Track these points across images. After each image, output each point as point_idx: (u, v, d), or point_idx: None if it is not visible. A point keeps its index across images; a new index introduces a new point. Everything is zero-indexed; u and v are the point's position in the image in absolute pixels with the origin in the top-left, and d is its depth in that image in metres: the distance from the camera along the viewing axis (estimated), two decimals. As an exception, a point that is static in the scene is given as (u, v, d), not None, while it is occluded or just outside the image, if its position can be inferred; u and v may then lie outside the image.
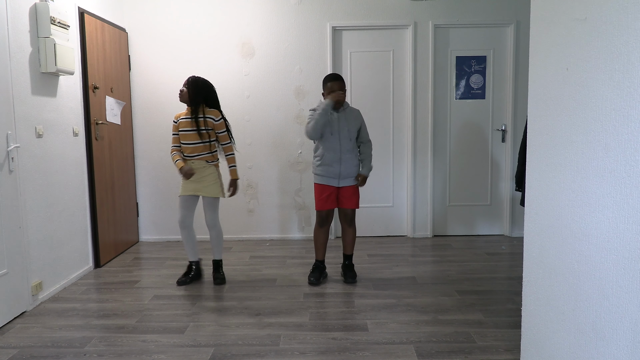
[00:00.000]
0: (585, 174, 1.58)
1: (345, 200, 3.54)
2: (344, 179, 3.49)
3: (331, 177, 3.49)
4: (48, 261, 3.36)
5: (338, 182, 3.49)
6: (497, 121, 4.80)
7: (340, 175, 3.47)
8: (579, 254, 1.62)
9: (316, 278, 3.55)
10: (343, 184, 3.50)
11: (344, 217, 3.58)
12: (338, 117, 3.44)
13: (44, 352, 2.57)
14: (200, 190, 3.51)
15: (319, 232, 3.61)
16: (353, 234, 3.62)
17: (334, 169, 3.46)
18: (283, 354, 2.51)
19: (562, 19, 1.71)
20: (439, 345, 2.58)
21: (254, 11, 4.63)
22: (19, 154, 3.05)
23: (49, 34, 3.27)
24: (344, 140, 3.44)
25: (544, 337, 1.88)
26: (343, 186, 3.51)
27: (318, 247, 3.63)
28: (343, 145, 3.44)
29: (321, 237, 3.61)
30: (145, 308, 3.15)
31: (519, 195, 4.59)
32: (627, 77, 1.37)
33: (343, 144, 3.44)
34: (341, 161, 3.45)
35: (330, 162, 3.46)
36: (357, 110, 3.56)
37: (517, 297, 3.17)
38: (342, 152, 3.44)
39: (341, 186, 3.51)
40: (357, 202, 3.57)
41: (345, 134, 3.43)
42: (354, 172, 3.51)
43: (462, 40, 4.70)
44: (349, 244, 3.63)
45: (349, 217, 3.58)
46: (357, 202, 3.58)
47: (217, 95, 3.58)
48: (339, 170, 3.46)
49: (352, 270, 3.63)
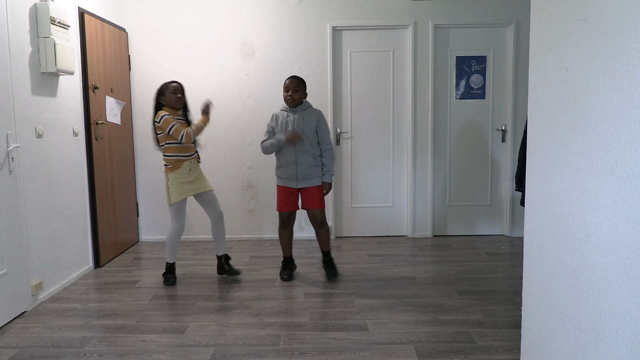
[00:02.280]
0: (585, 174, 1.58)
1: (308, 201, 3.53)
2: (302, 180, 3.48)
3: (289, 179, 3.50)
4: (48, 261, 3.36)
5: (297, 183, 3.49)
6: (497, 121, 4.80)
7: (298, 176, 3.47)
8: (579, 254, 1.62)
9: (288, 275, 3.64)
10: (303, 185, 3.49)
11: (313, 218, 3.56)
12: (294, 119, 3.45)
13: (44, 352, 2.57)
14: (199, 187, 3.52)
15: (282, 232, 3.65)
16: (325, 232, 3.60)
17: (291, 171, 3.47)
18: (283, 354, 2.51)
19: (562, 19, 1.71)
20: (439, 345, 2.58)
21: (254, 11, 4.63)
22: (19, 154, 3.05)
23: (49, 34, 3.27)
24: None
25: (544, 337, 1.88)
26: (304, 187, 3.50)
27: (285, 245, 3.69)
28: (297, 147, 3.43)
29: (285, 238, 3.66)
30: (145, 308, 3.15)
31: (519, 195, 4.59)
32: (627, 77, 1.37)
33: (298, 145, 3.43)
34: (297, 163, 3.45)
35: (287, 164, 3.47)
36: (318, 111, 3.52)
37: (517, 297, 3.17)
38: (297, 153, 3.44)
39: (301, 187, 3.50)
40: (320, 202, 3.53)
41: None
42: (313, 173, 3.48)
43: (462, 40, 4.70)
44: (323, 242, 3.63)
45: (317, 218, 3.54)
46: (321, 201, 3.54)
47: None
48: (296, 172, 3.46)
49: (332, 267, 3.64)
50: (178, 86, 3.47)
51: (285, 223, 3.61)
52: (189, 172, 3.47)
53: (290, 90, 3.43)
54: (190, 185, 3.48)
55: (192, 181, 3.49)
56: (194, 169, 3.51)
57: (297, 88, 3.43)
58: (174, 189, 3.44)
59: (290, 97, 3.43)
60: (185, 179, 3.45)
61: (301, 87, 3.45)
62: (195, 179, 3.51)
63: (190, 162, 3.48)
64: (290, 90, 3.43)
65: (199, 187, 3.52)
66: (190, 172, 3.47)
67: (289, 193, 3.52)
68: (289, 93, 3.43)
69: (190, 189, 3.49)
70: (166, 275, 3.61)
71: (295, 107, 3.48)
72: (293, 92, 3.42)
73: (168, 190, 3.46)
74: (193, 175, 3.49)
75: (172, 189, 3.44)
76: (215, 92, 4.69)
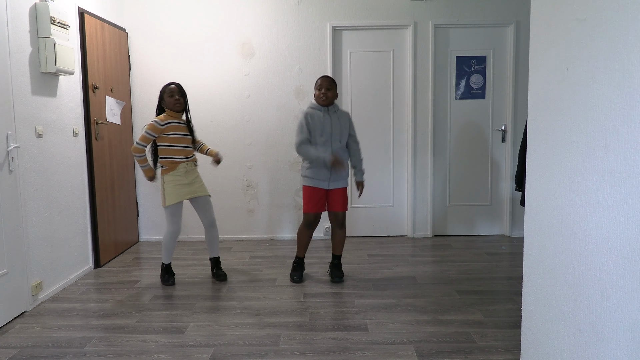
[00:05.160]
0: (585, 174, 1.58)
1: (334, 203, 3.53)
2: (333, 181, 3.49)
3: (321, 180, 3.48)
4: (48, 261, 3.36)
5: (328, 184, 3.48)
6: (497, 121, 4.80)
7: (331, 178, 3.47)
8: (579, 254, 1.62)
9: (299, 276, 3.62)
10: (333, 187, 3.50)
11: (335, 219, 3.58)
12: (331, 120, 3.44)
13: (44, 352, 2.57)
14: (196, 191, 3.49)
15: (305, 233, 3.62)
16: (343, 235, 3.62)
17: (325, 172, 3.46)
18: (283, 354, 2.51)
19: (562, 19, 1.71)
20: (439, 345, 2.58)
21: (254, 11, 4.63)
22: (19, 154, 3.05)
23: (49, 34, 3.27)
24: (335, 143, 3.44)
25: (544, 337, 1.88)
26: (332, 189, 3.51)
27: (302, 245, 3.66)
28: (334, 148, 3.43)
29: (305, 238, 3.64)
30: (145, 308, 3.15)
31: (519, 195, 4.60)
32: (627, 77, 1.37)
33: (334, 146, 3.43)
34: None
35: (320, 165, 3.46)
36: (346, 112, 3.57)
37: (517, 297, 3.17)
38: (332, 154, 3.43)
39: (331, 189, 3.51)
40: (345, 204, 3.57)
41: (336, 137, 3.44)
42: (342, 174, 3.51)
43: (462, 40, 4.70)
44: (338, 245, 3.63)
45: (339, 219, 3.57)
46: (347, 203, 3.58)
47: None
48: (329, 173, 3.46)
49: (339, 270, 3.64)
50: (174, 88, 3.41)
51: (312, 224, 3.58)
52: (184, 174, 3.44)
53: (324, 88, 3.41)
54: (186, 188, 3.45)
55: (188, 184, 3.46)
56: (190, 172, 3.48)
57: (330, 87, 3.42)
58: (170, 191, 3.41)
59: (324, 95, 3.41)
60: (181, 181, 3.43)
61: (334, 86, 3.44)
62: (192, 182, 3.48)
63: (186, 164, 3.46)
64: (324, 88, 3.41)
65: (196, 190, 3.49)
66: (186, 174, 3.45)
67: (319, 194, 3.50)
68: (322, 91, 3.41)
69: (187, 192, 3.45)
70: (163, 276, 3.61)
71: (328, 107, 3.46)
72: (327, 90, 3.41)
73: (164, 192, 3.43)
74: (189, 178, 3.46)
75: (168, 191, 3.41)
76: (215, 92, 4.69)
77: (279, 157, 4.77)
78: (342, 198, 3.54)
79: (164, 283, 3.58)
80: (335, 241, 3.63)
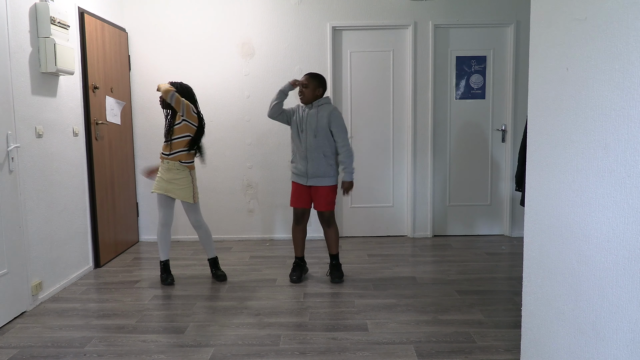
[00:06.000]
0: (585, 174, 1.58)
1: (316, 203, 3.52)
2: (312, 178, 3.45)
3: (300, 175, 3.48)
4: (48, 261, 3.36)
5: (306, 180, 3.47)
6: (497, 121, 4.80)
7: (308, 174, 3.45)
8: (579, 254, 1.62)
9: (297, 276, 3.60)
10: (312, 183, 3.46)
11: (320, 218, 3.57)
12: (308, 114, 3.43)
13: (44, 352, 2.57)
14: (170, 190, 3.45)
15: (296, 229, 3.62)
16: (334, 233, 3.58)
17: (301, 167, 3.46)
18: (283, 354, 2.51)
19: (562, 19, 1.71)
20: (439, 345, 2.58)
21: (254, 11, 4.63)
22: (19, 154, 3.05)
23: (49, 34, 3.27)
24: (310, 137, 3.40)
25: (544, 337, 1.88)
26: (313, 186, 3.48)
27: (296, 244, 3.66)
28: (308, 143, 3.41)
29: (298, 235, 3.63)
30: (145, 308, 3.15)
31: (519, 195, 4.59)
32: (627, 77, 1.37)
33: (309, 141, 3.40)
34: (307, 159, 3.43)
35: (298, 160, 3.46)
36: (332, 107, 3.45)
37: (517, 297, 3.16)
38: (307, 150, 3.41)
39: (310, 185, 3.48)
40: (328, 204, 3.49)
41: (310, 132, 3.40)
42: (323, 172, 3.44)
43: (462, 40, 4.70)
44: (331, 244, 3.61)
45: (324, 218, 3.54)
46: (330, 203, 3.50)
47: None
48: (306, 169, 3.44)
49: (338, 270, 3.62)
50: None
51: (299, 220, 3.58)
52: (166, 170, 3.46)
53: (301, 86, 3.43)
54: (163, 183, 3.45)
55: (166, 180, 3.45)
56: (171, 171, 3.44)
57: (307, 83, 3.40)
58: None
59: (301, 93, 3.44)
60: (162, 175, 3.47)
61: (312, 83, 3.41)
62: (169, 180, 3.44)
63: (167, 162, 3.46)
64: (301, 86, 3.43)
65: (170, 190, 3.45)
66: (166, 171, 3.45)
67: (299, 189, 3.51)
68: (300, 89, 3.45)
69: (162, 188, 3.45)
70: (162, 275, 3.61)
71: (310, 103, 3.44)
72: (304, 88, 3.42)
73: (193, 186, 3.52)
74: (166, 176, 3.45)
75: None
76: (215, 92, 4.69)
77: (279, 157, 4.77)
78: (324, 197, 3.48)
79: (163, 282, 3.58)
80: (327, 240, 3.62)
